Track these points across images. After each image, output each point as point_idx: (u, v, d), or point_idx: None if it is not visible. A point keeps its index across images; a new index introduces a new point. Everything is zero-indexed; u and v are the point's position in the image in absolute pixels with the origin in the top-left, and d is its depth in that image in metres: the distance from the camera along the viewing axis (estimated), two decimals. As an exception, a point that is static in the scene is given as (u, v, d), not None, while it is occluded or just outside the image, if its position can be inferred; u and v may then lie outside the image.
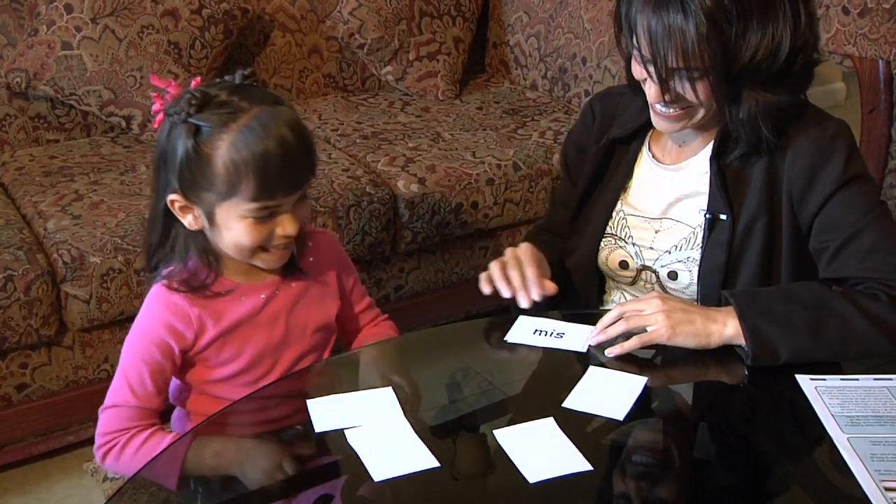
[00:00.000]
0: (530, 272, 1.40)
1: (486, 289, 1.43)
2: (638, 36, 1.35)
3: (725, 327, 1.31)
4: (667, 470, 1.19)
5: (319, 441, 1.24)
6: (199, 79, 1.39)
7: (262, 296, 1.42)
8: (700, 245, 1.44)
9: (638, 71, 1.39)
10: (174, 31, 2.47)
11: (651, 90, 1.38)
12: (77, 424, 2.13)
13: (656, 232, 1.49)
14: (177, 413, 1.51)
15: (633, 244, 1.51)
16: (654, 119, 1.43)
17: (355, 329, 1.57)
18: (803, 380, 1.26)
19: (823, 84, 4.36)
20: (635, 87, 1.46)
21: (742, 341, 1.29)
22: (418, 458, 1.14)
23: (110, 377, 2.09)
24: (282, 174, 1.29)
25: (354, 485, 1.13)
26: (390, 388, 1.26)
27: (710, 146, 1.45)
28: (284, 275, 1.44)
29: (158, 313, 1.38)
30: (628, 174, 1.54)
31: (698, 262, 1.44)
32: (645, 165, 1.53)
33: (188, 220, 1.35)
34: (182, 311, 1.37)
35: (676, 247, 1.47)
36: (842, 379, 1.26)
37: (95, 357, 2.09)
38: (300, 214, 1.36)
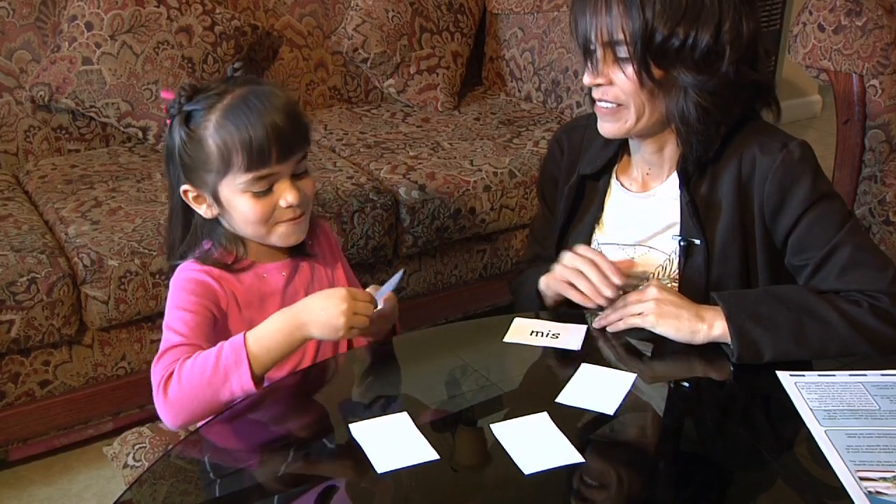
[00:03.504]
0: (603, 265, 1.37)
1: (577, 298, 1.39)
2: (572, 25, 1.36)
3: (712, 328, 1.30)
4: (654, 462, 1.19)
5: (326, 435, 1.24)
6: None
7: (284, 273, 1.41)
8: (677, 272, 1.43)
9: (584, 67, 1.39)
10: (188, 47, 2.47)
11: (585, 75, 1.37)
12: (97, 419, 2.13)
13: (632, 259, 1.48)
14: None
15: None
16: (598, 123, 1.41)
17: None
18: (783, 376, 1.26)
19: (801, 96, 4.37)
20: (592, 102, 1.45)
21: (728, 340, 1.29)
22: (419, 450, 1.13)
23: (128, 374, 2.11)
24: (270, 141, 1.28)
25: (358, 476, 1.13)
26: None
27: (675, 174, 1.43)
28: (296, 255, 1.43)
29: (194, 278, 1.34)
30: (600, 207, 1.52)
31: (677, 289, 1.42)
32: (615, 196, 1.51)
33: (203, 209, 1.35)
34: (214, 280, 1.35)
35: (654, 274, 1.46)
36: (819, 375, 1.26)
37: (114, 355, 2.09)
38: (302, 187, 1.34)
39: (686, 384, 1.31)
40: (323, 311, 1.25)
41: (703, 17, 1.30)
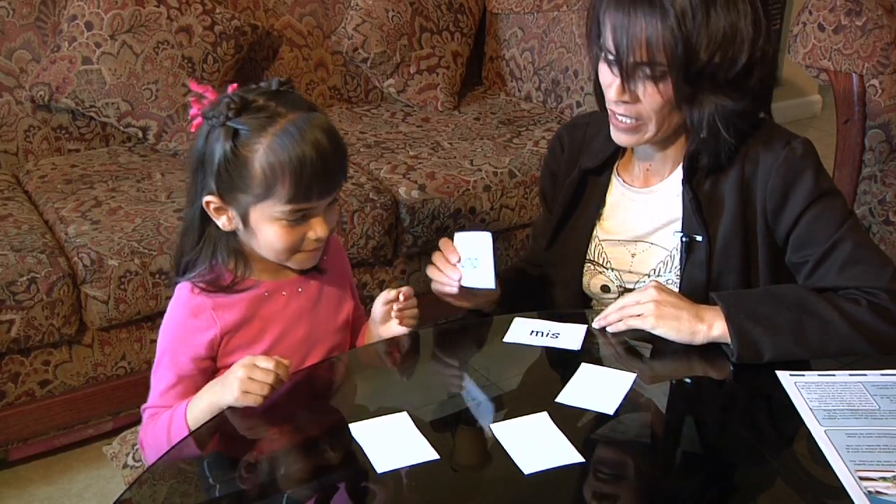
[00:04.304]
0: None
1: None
2: (605, 32, 1.33)
3: (712, 329, 1.30)
4: (655, 462, 1.19)
5: (326, 435, 1.24)
6: (235, 84, 1.35)
7: (284, 293, 1.40)
8: (678, 268, 1.43)
9: (604, 74, 1.37)
10: (188, 47, 2.46)
11: (612, 89, 1.35)
12: (96, 418, 2.13)
13: (633, 255, 1.48)
14: None
15: (612, 269, 1.50)
16: (613, 131, 1.41)
17: (358, 329, 1.56)
18: (783, 375, 1.26)
19: (800, 96, 4.36)
20: (601, 103, 1.45)
21: (728, 340, 1.29)
22: (419, 450, 1.13)
23: (128, 374, 2.11)
24: (317, 177, 1.27)
25: (358, 476, 1.13)
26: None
27: (677, 170, 1.44)
28: (304, 273, 1.42)
29: (184, 319, 1.35)
30: (601, 202, 1.52)
31: (678, 285, 1.43)
32: (616, 191, 1.51)
33: (222, 221, 1.33)
34: (206, 313, 1.35)
35: (655, 270, 1.46)
36: (819, 375, 1.26)
37: (114, 355, 2.09)
38: (330, 219, 1.34)
39: (689, 381, 1.31)
40: (227, 377, 1.27)
41: (739, 40, 1.31)
